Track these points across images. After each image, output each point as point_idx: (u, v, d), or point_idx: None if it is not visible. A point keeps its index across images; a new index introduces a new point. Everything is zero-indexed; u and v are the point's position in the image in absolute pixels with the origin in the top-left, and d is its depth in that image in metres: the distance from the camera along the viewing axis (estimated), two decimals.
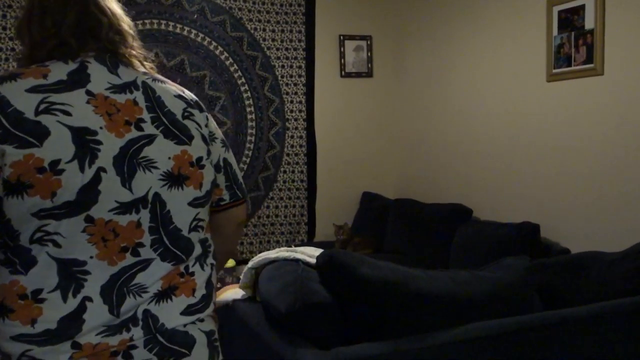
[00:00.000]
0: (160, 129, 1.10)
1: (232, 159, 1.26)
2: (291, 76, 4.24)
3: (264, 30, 4.14)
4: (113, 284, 1.03)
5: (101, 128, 1.03)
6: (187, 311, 1.10)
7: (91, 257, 1.01)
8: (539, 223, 2.88)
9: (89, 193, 1.00)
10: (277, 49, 4.19)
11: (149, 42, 3.84)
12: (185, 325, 1.09)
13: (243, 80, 4.11)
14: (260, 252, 4.17)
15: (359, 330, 1.60)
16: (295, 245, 3.91)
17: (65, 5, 1.11)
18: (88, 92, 1.05)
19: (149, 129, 1.09)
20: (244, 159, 4.15)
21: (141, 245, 1.05)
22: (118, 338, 1.02)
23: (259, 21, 4.13)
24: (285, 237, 4.33)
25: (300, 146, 4.31)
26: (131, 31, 1.22)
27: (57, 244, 0.99)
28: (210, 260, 1.18)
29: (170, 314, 1.08)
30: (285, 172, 4.29)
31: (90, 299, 1.01)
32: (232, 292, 2.11)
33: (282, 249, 1.93)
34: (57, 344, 0.99)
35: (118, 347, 1.01)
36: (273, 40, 4.17)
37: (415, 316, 1.60)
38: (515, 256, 1.93)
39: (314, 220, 4.37)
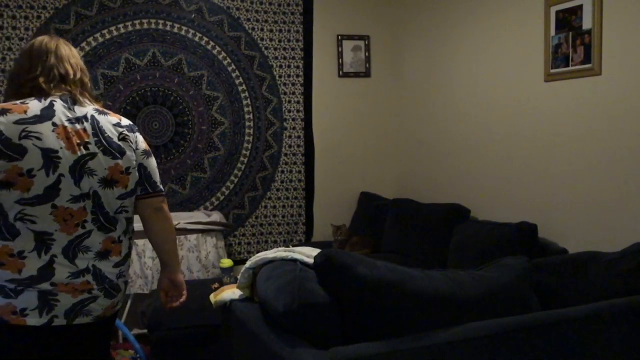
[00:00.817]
0: (101, 149, 1.68)
1: (148, 164, 1.80)
2: (289, 76, 4.24)
3: (262, 30, 4.14)
4: (69, 246, 1.64)
5: (61, 148, 1.60)
6: (116, 265, 1.75)
7: (56, 230, 1.61)
8: (537, 223, 2.88)
9: (53, 190, 1.60)
10: (275, 49, 4.19)
11: (147, 42, 3.84)
12: (117, 279, 1.75)
13: (241, 80, 4.11)
14: (258, 252, 4.16)
15: (357, 330, 1.60)
16: (294, 246, 3.91)
17: (46, 61, 1.69)
18: (53, 124, 1.61)
19: (93, 149, 1.66)
20: (241, 159, 4.15)
21: (86, 222, 1.66)
22: (80, 280, 1.66)
23: (257, 21, 4.12)
24: (283, 237, 4.33)
25: (299, 146, 4.31)
26: (89, 81, 1.80)
27: (33, 222, 1.59)
28: (129, 234, 1.83)
29: (107, 267, 1.72)
30: (283, 172, 4.29)
31: (56, 256, 1.62)
32: (231, 293, 2.11)
33: (280, 249, 1.93)
34: (39, 285, 1.60)
35: (81, 287, 1.66)
36: (271, 40, 4.17)
37: (414, 316, 1.60)
38: (513, 256, 1.93)
39: (312, 220, 4.37)
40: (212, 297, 2.19)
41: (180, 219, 3.76)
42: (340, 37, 4.33)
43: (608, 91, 2.69)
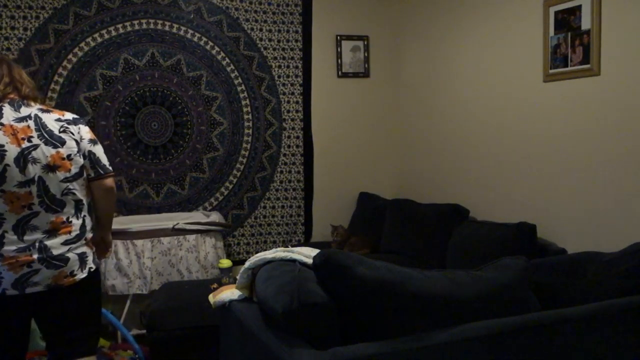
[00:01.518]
0: (42, 140, 2.01)
1: (96, 150, 2.13)
2: (288, 76, 4.24)
3: (261, 30, 4.14)
4: (18, 224, 1.97)
5: (7, 142, 1.95)
6: (65, 243, 2.05)
7: (6, 211, 1.96)
8: (535, 223, 2.88)
9: (1, 178, 1.94)
10: (274, 49, 4.19)
11: (145, 42, 3.84)
12: (66, 252, 2.04)
13: (240, 80, 4.11)
14: (257, 252, 4.16)
15: (356, 331, 1.60)
16: (292, 246, 3.91)
17: (2, 75, 2.07)
18: (1, 124, 1.97)
19: (35, 141, 2.00)
20: (240, 159, 4.15)
21: (33, 204, 1.99)
22: (24, 255, 1.97)
23: (256, 21, 4.12)
24: (282, 238, 4.33)
25: (297, 146, 4.31)
26: (34, 89, 2.17)
27: None
28: (83, 213, 2.12)
29: (55, 244, 2.03)
30: (282, 172, 4.28)
31: (6, 232, 1.96)
32: (229, 293, 2.11)
33: (279, 249, 1.92)
34: None
35: (23, 260, 1.97)
36: (270, 40, 4.17)
37: (412, 316, 1.60)
38: (512, 256, 1.93)
39: (311, 220, 4.37)
40: (211, 297, 2.19)
41: (179, 219, 3.76)
42: (339, 37, 4.33)
43: (606, 91, 2.70)
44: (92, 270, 2.14)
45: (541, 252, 2.77)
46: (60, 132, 2.06)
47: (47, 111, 2.09)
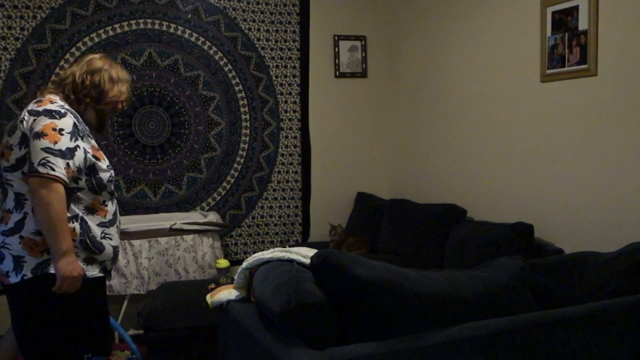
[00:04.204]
0: (8, 129, 2.10)
1: (33, 145, 1.97)
2: (285, 76, 4.24)
3: (259, 30, 4.14)
4: None
5: None
6: (2, 233, 2.04)
7: None
8: (533, 223, 2.88)
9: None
10: (272, 49, 4.19)
11: (143, 41, 3.84)
12: (1, 247, 2.04)
13: (237, 80, 4.10)
14: (254, 252, 4.16)
15: (354, 331, 1.60)
16: (290, 246, 3.91)
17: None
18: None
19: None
20: (237, 159, 4.15)
21: None
22: None
23: (254, 21, 4.12)
24: (280, 238, 4.32)
25: (295, 146, 4.31)
26: (60, 82, 2.25)
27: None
28: (24, 210, 2.03)
29: None
30: (279, 172, 4.28)
31: None
32: (227, 293, 2.10)
33: (276, 249, 1.92)
34: None
35: None
36: (267, 40, 4.17)
37: (410, 316, 1.60)
38: (509, 256, 1.93)
39: (309, 220, 4.37)
40: (208, 298, 2.19)
41: (176, 219, 3.76)
42: (336, 37, 4.33)
43: (603, 91, 2.70)
44: (26, 278, 1.99)
45: (538, 252, 2.77)
46: (19, 121, 2.05)
47: (38, 101, 2.09)
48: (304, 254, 1.83)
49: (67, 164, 1.99)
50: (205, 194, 4.09)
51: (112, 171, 2.22)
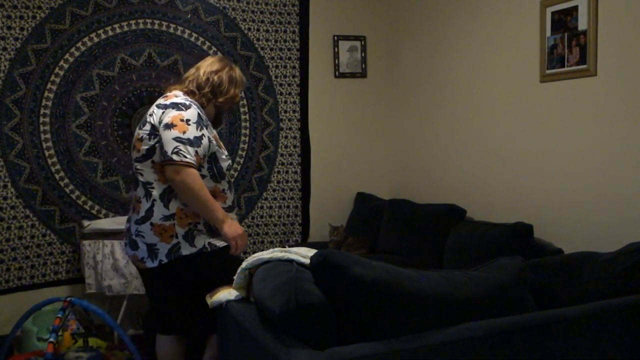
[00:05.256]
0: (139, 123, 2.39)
1: (164, 135, 2.20)
2: (285, 76, 4.24)
3: (258, 30, 4.14)
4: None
5: None
6: (135, 222, 2.29)
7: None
8: (532, 223, 2.88)
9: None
10: (271, 49, 4.19)
11: (142, 42, 3.83)
12: (135, 235, 2.28)
13: None
14: (254, 252, 4.15)
15: (353, 331, 1.60)
16: (289, 246, 3.91)
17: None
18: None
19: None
20: (237, 159, 4.15)
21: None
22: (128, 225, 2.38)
23: (253, 21, 4.12)
24: (279, 238, 4.32)
25: (294, 146, 4.30)
26: (189, 80, 2.49)
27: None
28: (152, 198, 2.26)
29: (131, 221, 2.32)
30: (279, 172, 4.28)
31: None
32: (226, 293, 2.10)
33: (276, 249, 1.92)
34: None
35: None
36: (267, 40, 4.17)
37: (409, 316, 1.60)
38: (509, 256, 1.94)
39: (308, 220, 4.37)
40: (208, 298, 2.19)
41: None
42: (336, 38, 4.33)
43: (603, 92, 2.70)
44: (163, 262, 2.27)
45: (538, 252, 2.77)
46: (148, 115, 2.31)
47: (164, 96, 2.37)
48: (303, 254, 1.83)
49: (196, 151, 2.21)
50: None
51: (230, 161, 2.45)
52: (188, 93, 2.41)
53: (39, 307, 2.87)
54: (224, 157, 2.41)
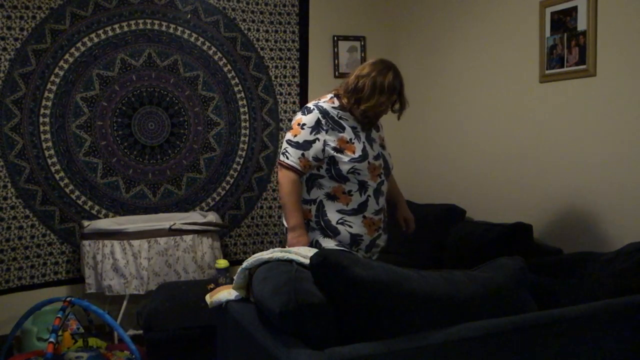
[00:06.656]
0: None
1: (285, 136, 2.45)
2: (285, 76, 4.24)
3: (258, 30, 4.14)
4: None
5: None
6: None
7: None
8: (532, 223, 2.89)
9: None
10: (271, 49, 4.19)
11: (142, 42, 3.83)
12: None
13: (237, 80, 4.10)
14: (253, 252, 4.16)
15: (353, 331, 1.60)
16: (289, 246, 3.90)
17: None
18: None
19: None
20: (237, 159, 4.15)
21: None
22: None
23: (253, 21, 4.12)
24: (279, 238, 4.32)
25: None
26: (343, 86, 2.54)
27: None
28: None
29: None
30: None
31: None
32: (226, 293, 2.10)
33: (275, 249, 1.93)
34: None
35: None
36: (267, 40, 4.17)
37: (409, 316, 1.60)
38: (508, 256, 1.94)
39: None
40: (208, 298, 2.19)
41: (176, 219, 3.76)
42: (335, 38, 4.33)
43: (602, 92, 2.71)
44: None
45: (537, 253, 2.78)
46: None
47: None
48: (303, 254, 1.83)
49: (302, 154, 2.30)
50: (205, 194, 4.09)
51: (360, 163, 2.35)
52: (337, 96, 2.44)
53: (38, 307, 2.88)
54: (345, 160, 2.34)
